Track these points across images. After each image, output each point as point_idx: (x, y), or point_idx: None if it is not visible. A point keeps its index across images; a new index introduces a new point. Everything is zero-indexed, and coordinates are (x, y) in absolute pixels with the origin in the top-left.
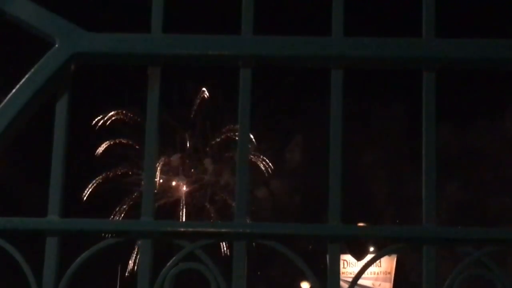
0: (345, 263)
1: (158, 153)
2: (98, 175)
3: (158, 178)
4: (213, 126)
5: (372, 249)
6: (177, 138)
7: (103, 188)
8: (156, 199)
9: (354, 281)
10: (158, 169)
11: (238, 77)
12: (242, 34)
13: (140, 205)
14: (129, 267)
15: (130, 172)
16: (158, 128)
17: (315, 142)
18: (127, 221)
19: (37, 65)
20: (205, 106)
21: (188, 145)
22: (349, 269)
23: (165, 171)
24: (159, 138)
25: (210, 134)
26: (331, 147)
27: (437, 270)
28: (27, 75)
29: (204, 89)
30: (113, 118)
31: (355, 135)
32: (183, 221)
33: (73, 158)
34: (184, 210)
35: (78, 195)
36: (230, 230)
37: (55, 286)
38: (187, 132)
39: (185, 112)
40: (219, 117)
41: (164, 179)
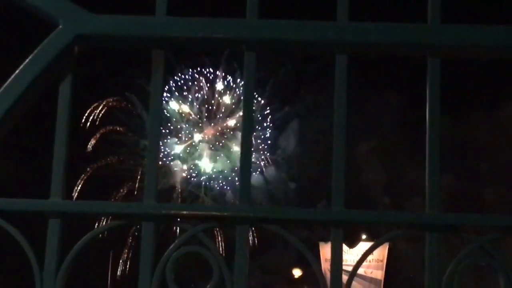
0: None
1: (161, 137)
2: (93, 163)
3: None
4: (209, 112)
5: (364, 237)
6: (173, 124)
7: (98, 176)
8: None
9: (354, 271)
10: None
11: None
12: (247, 17)
13: (134, 193)
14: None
15: (123, 159)
16: (162, 111)
17: (311, 129)
18: (130, 204)
19: (40, 47)
20: (205, 93)
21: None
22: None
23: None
24: (162, 122)
25: (206, 121)
26: (335, 132)
27: (439, 257)
28: (30, 56)
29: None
30: (109, 104)
31: (350, 123)
32: (186, 204)
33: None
34: (180, 196)
35: (72, 183)
36: (233, 214)
37: (57, 269)
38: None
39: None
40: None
41: (160, 164)
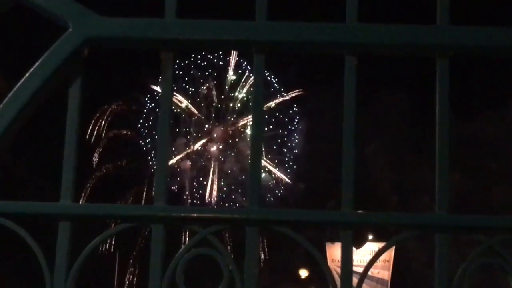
0: None
1: (171, 139)
2: (102, 166)
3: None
4: (218, 113)
5: (371, 237)
6: (181, 123)
7: (107, 179)
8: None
9: (364, 273)
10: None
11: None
12: (256, 19)
13: (142, 195)
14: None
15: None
16: (171, 113)
17: (319, 129)
18: (140, 206)
19: (50, 49)
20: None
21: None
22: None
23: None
24: (171, 124)
25: (214, 121)
26: (344, 133)
27: (448, 258)
28: (40, 59)
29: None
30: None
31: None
32: (196, 206)
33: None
34: (189, 197)
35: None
36: (243, 216)
37: (67, 271)
38: (192, 117)
39: (191, 96)
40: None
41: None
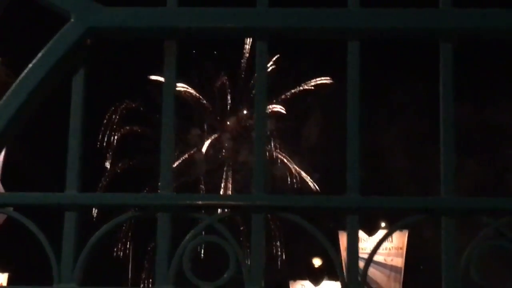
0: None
1: (175, 128)
2: (117, 162)
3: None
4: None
5: (383, 225)
6: (195, 115)
7: (121, 175)
8: (175, 176)
9: (370, 257)
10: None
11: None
12: (257, 6)
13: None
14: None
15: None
16: (175, 103)
17: (333, 119)
18: (146, 195)
19: (53, 40)
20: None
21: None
22: (361, 245)
23: (183, 149)
24: (177, 114)
25: (228, 113)
26: (349, 119)
27: (456, 241)
28: (43, 50)
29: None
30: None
31: (374, 111)
32: (201, 194)
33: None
34: (203, 188)
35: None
36: (248, 203)
37: (74, 261)
38: (206, 109)
39: (205, 89)
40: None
41: (184, 157)
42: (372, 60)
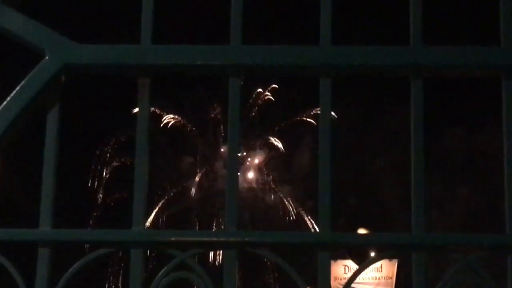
0: (346, 268)
1: (149, 164)
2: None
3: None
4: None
5: (373, 254)
6: (188, 144)
7: (112, 207)
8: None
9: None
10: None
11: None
12: (231, 43)
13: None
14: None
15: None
16: (149, 139)
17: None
18: (118, 231)
19: (28, 77)
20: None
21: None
22: (350, 275)
23: (176, 178)
24: (151, 149)
25: (221, 141)
26: (320, 154)
27: (428, 276)
28: (18, 87)
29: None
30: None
31: (365, 139)
32: (173, 230)
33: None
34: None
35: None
36: (220, 239)
37: None
38: (199, 138)
39: (197, 118)
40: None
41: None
42: (360, 87)
